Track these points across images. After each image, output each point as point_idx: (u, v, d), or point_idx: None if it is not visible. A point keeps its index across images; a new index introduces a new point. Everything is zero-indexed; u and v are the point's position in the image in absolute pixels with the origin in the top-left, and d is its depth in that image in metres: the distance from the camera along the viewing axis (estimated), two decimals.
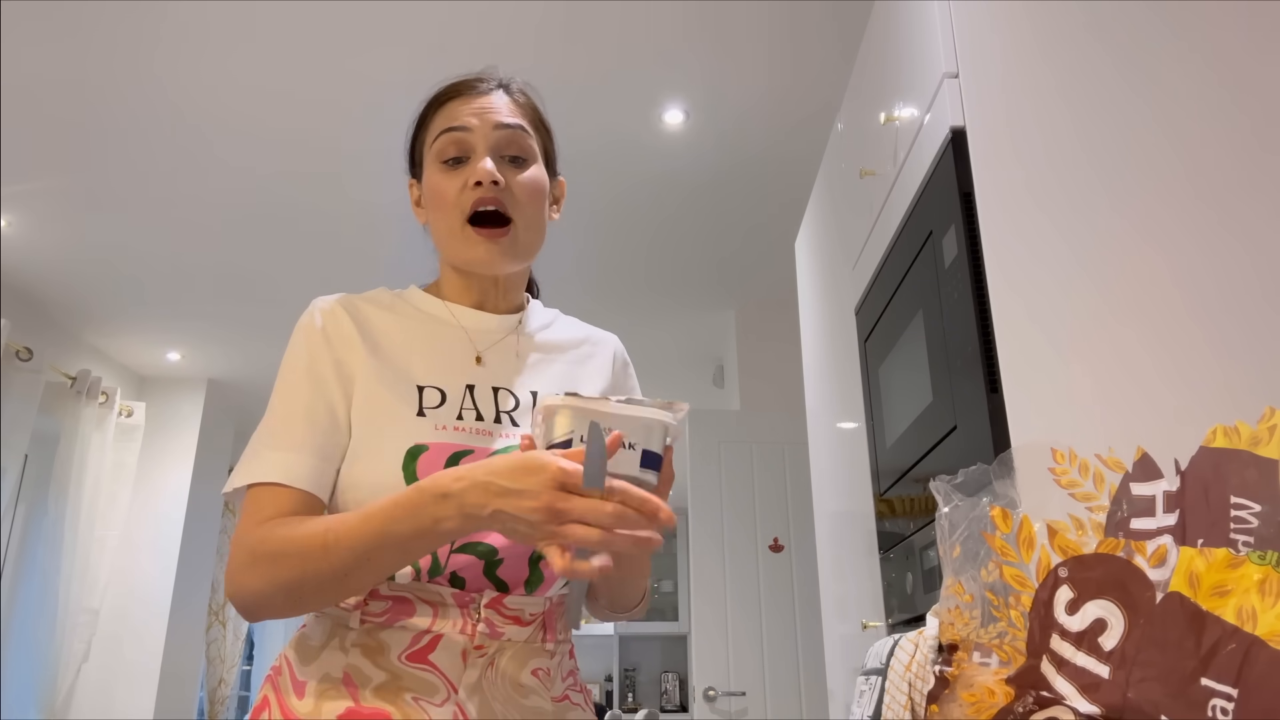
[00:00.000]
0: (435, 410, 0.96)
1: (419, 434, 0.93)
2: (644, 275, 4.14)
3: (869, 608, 1.90)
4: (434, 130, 1.04)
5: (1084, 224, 1.06)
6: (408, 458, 0.91)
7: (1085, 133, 1.08)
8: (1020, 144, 1.22)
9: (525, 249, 1.03)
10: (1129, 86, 1.01)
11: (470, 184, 0.99)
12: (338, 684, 0.89)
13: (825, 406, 2.42)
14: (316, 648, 0.92)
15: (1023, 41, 1.25)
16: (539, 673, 0.95)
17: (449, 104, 1.04)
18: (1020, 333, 1.18)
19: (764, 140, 3.12)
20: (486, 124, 1.01)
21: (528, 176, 1.03)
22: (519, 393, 1.02)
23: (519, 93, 1.09)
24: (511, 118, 1.03)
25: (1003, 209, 1.25)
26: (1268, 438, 0.62)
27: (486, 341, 1.04)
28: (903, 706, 0.86)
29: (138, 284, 4.06)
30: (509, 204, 1.00)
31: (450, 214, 1.01)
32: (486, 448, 0.95)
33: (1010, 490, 0.79)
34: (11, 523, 4.14)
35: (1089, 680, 0.60)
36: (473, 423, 0.96)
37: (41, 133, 2.99)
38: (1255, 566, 0.58)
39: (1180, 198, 0.92)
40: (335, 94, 2.85)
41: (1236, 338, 0.84)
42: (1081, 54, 1.11)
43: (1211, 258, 0.88)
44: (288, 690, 0.91)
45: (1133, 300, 0.97)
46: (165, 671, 4.67)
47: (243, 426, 5.59)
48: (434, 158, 1.03)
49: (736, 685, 3.84)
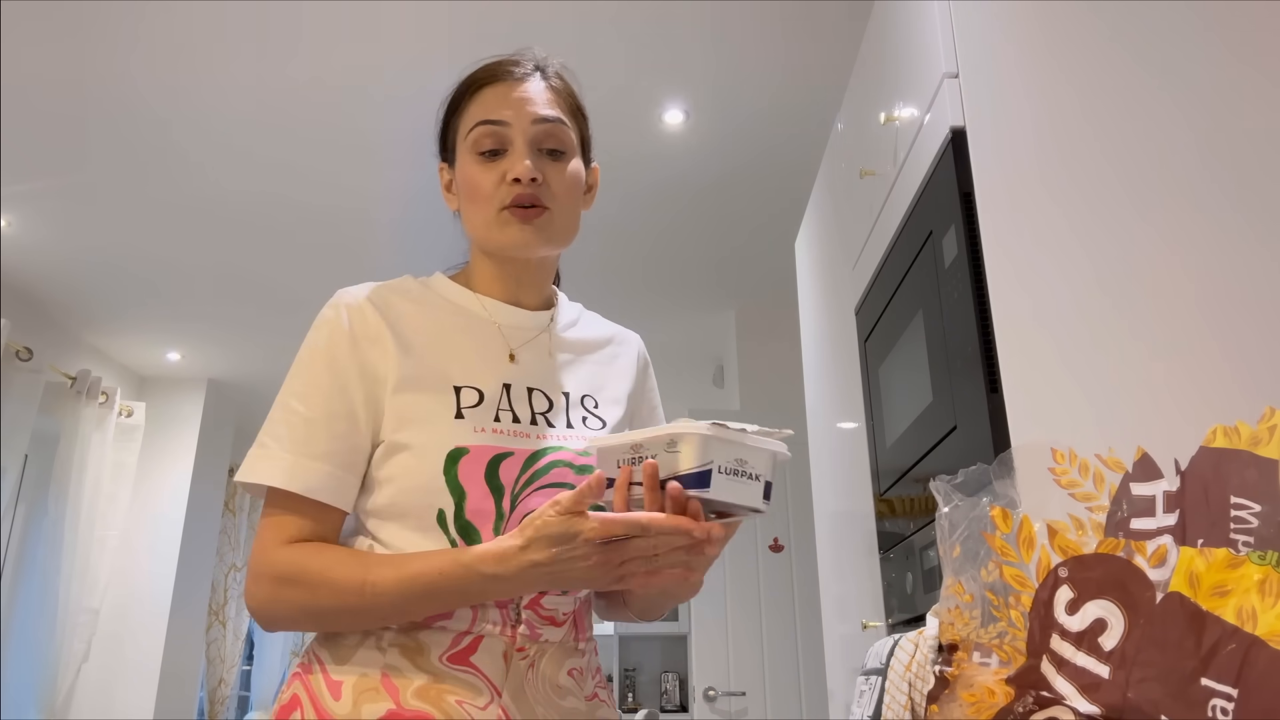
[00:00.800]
0: (473, 410, 0.94)
1: (459, 436, 0.91)
2: (644, 275, 4.14)
3: (869, 608, 1.90)
4: (469, 120, 1.00)
5: (1084, 224, 1.06)
6: (449, 461, 0.89)
7: (1085, 132, 1.08)
8: (1020, 144, 1.22)
9: (560, 233, 1.01)
10: (1129, 86, 1.01)
11: (508, 179, 0.97)
12: (376, 685, 0.87)
13: (825, 406, 2.42)
14: (351, 646, 0.90)
15: (1022, 41, 1.25)
16: (574, 673, 0.95)
17: (484, 90, 1.01)
18: (1020, 333, 1.18)
19: (764, 140, 3.12)
20: (524, 118, 0.98)
21: (565, 170, 1.00)
22: (551, 394, 1.00)
23: (555, 77, 1.05)
24: (549, 109, 1.00)
25: (1003, 209, 1.25)
26: (1268, 438, 0.62)
27: (520, 338, 1.02)
28: (903, 706, 0.86)
29: (137, 284, 4.06)
30: (546, 198, 0.98)
31: (486, 206, 0.98)
32: (526, 449, 0.93)
33: (1010, 490, 0.79)
34: (11, 523, 4.14)
35: (1089, 680, 0.60)
36: (510, 424, 0.95)
37: (42, 133, 2.99)
38: (1255, 566, 0.58)
39: (1180, 197, 0.92)
40: (335, 94, 2.85)
41: (1236, 337, 0.84)
42: (1081, 54, 1.11)
43: (1211, 257, 0.88)
44: (321, 690, 0.88)
45: (1133, 300, 0.97)
46: (165, 671, 4.66)
47: (243, 426, 5.59)
48: (469, 148, 1.00)
49: (736, 685, 3.84)
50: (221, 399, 5.29)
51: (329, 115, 2.95)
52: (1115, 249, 1.01)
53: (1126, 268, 0.99)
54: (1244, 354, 0.83)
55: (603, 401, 1.04)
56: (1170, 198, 0.93)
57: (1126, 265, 0.99)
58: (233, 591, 5.77)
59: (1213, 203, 0.88)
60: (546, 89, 1.02)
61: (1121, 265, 0.99)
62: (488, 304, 1.03)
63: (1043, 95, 1.18)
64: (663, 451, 0.80)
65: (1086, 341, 1.04)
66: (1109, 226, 1.02)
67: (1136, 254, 0.97)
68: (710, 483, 0.78)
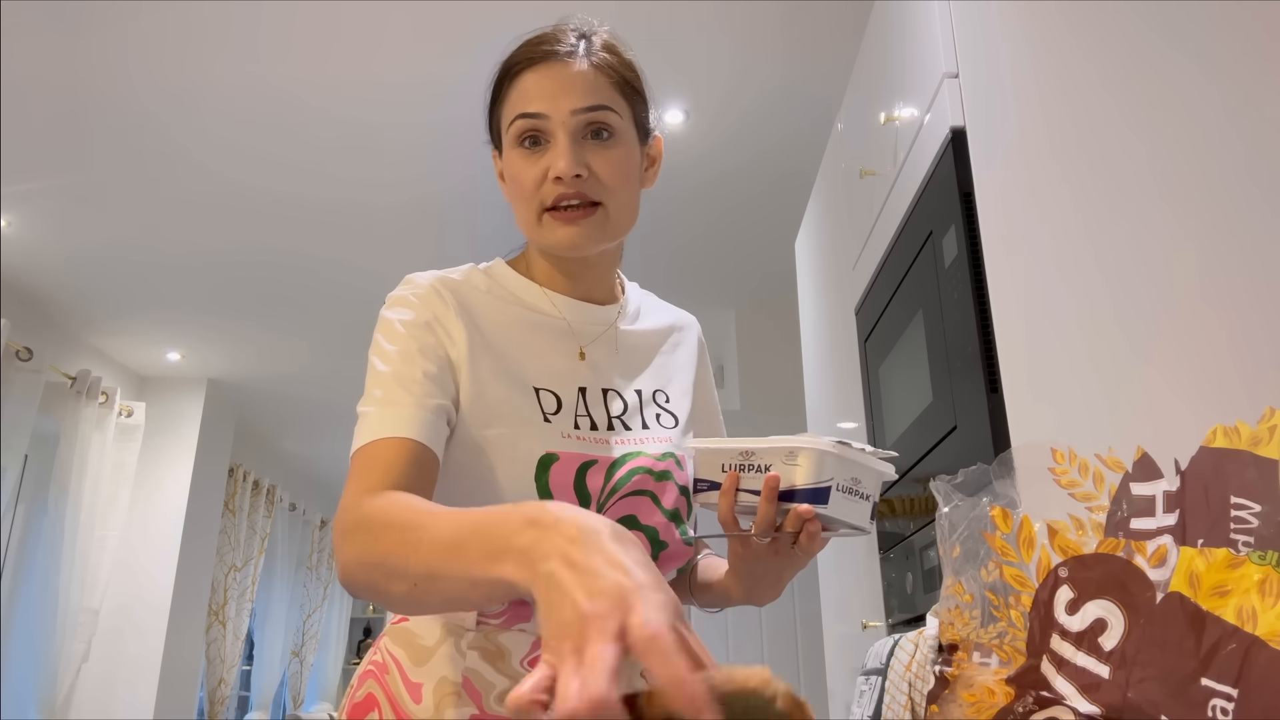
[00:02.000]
0: (555, 416, 0.91)
1: (549, 442, 0.88)
2: (643, 275, 4.10)
3: (869, 608, 1.90)
4: (509, 111, 0.94)
5: (1083, 223, 1.06)
6: (540, 467, 0.86)
7: (1085, 132, 1.08)
8: (1020, 144, 1.22)
9: (615, 225, 0.95)
10: (1129, 86, 1.01)
11: (550, 176, 0.90)
12: (458, 689, 0.84)
13: (825, 406, 2.42)
14: (429, 648, 0.87)
15: (1023, 41, 1.25)
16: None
17: (524, 76, 0.93)
18: (1020, 333, 1.18)
19: (764, 140, 3.12)
20: (563, 109, 0.90)
21: (614, 156, 0.93)
22: (625, 394, 0.97)
23: (601, 50, 0.95)
24: (590, 97, 0.91)
25: (1003, 209, 1.25)
26: (1268, 438, 0.62)
27: (589, 336, 0.98)
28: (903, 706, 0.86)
29: (138, 284, 4.06)
30: (594, 191, 0.91)
31: (529, 204, 0.93)
32: (608, 456, 0.90)
33: (1010, 490, 0.79)
34: (11, 523, 4.14)
35: (1089, 680, 0.60)
36: (589, 431, 0.92)
37: (41, 133, 2.99)
38: (1255, 566, 0.58)
39: (1180, 197, 0.92)
40: (335, 90, 2.85)
41: (1236, 337, 0.84)
42: (1081, 54, 1.11)
43: (1211, 257, 0.88)
44: (400, 692, 0.86)
45: (1133, 300, 0.97)
46: (165, 671, 4.67)
47: (243, 426, 5.59)
48: (512, 140, 0.94)
49: None
50: (221, 399, 5.29)
51: (329, 113, 2.95)
52: (1115, 249, 1.01)
53: (1126, 267, 0.99)
54: (1244, 354, 0.83)
55: (673, 395, 1.02)
56: (1170, 197, 0.93)
57: (1126, 265, 0.99)
58: (233, 591, 5.77)
59: (1213, 202, 0.88)
60: (590, 69, 0.93)
61: (1121, 265, 0.99)
62: (556, 300, 0.98)
63: (1043, 95, 1.18)
64: (780, 463, 0.79)
65: (1086, 341, 1.04)
66: (1109, 226, 1.02)
67: (1136, 254, 0.97)
68: (829, 500, 0.78)
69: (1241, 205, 0.85)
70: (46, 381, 4.08)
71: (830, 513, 0.78)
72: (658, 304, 1.12)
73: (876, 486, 0.82)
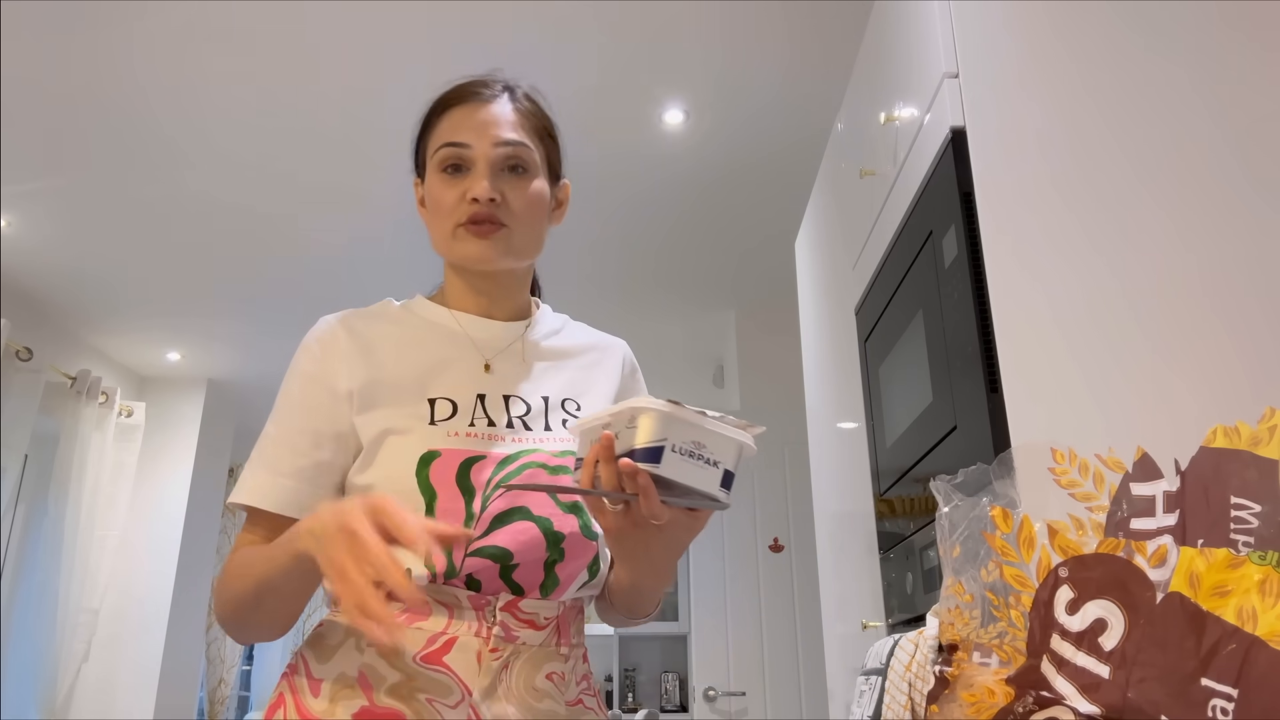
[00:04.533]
0: (446, 421, 0.97)
1: (431, 441, 0.95)
2: (643, 275, 4.14)
3: (869, 608, 1.90)
4: (436, 140, 1.04)
5: (1084, 224, 1.06)
6: (420, 463, 0.93)
7: (1085, 133, 1.08)
8: (1020, 144, 1.22)
9: (520, 249, 1.04)
10: (1129, 85, 1.01)
11: (468, 197, 1.00)
12: (353, 683, 0.90)
13: (825, 406, 2.42)
14: (333, 647, 0.93)
15: (1022, 41, 1.25)
16: (553, 676, 0.96)
17: (452, 111, 1.04)
18: (1020, 333, 1.18)
19: (764, 140, 3.12)
20: (486, 141, 1.02)
21: (525, 188, 1.03)
22: (529, 398, 1.02)
23: (524, 99, 1.08)
24: (512, 133, 1.03)
25: (1003, 209, 1.25)
26: (1268, 438, 0.62)
27: (494, 349, 1.05)
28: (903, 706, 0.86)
29: (138, 284, 4.06)
30: (504, 216, 1.01)
31: (446, 221, 1.02)
32: (500, 453, 0.96)
33: (1010, 490, 0.79)
34: (11, 523, 4.13)
35: (1089, 680, 0.60)
36: (484, 429, 0.98)
37: (42, 133, 2.99)
38: (1255, 566, 0.58)
39: (1179, 197, 0.92)
40: (334, 96, 2.85)
41: (1236, 337, 0.84)
42: (1081, 54, 1.11)
43: (1211, 257, 0.88)
44: (303, 688, 0.92)
45: (1133, 299, 0.97)
46: (165, 671, 4.66)
47: (242, 426, 5.58)
48: (435, 165, 1.04)
49: (736, 685, 3.84)
50: (221, 399, 5.29)
51: (328, 118, 2.95)
52: (1115, 248, 1.01)
53: (1127, 267, 0.99)
54: (1244, 354, 0.83)
55: (586, 404, 1.06)
56: (1170, 197, 0.93)
57: (1127, 265, 0.99)
58: None
59: (1214, 202, 0.88)
60: (513, 111, 1.05)
61: (1122, 265, 0.99)
62: (461, 319, 1.07)
63: (1043, 95, 1.18)
64: (624, 428, 0.80)
65: (1086, 341, 1.04)
66: (1109, 226, 1.02)
67: (1137, 253, 0.97)
68: (661, 459, 0.77)
69: (1242, 205, 0.85)
70: (46, 381, 4.08)
71: (665, 473, 0.77)
72: (583, 329, 1.17)
73: (732, 456, 0.80)
